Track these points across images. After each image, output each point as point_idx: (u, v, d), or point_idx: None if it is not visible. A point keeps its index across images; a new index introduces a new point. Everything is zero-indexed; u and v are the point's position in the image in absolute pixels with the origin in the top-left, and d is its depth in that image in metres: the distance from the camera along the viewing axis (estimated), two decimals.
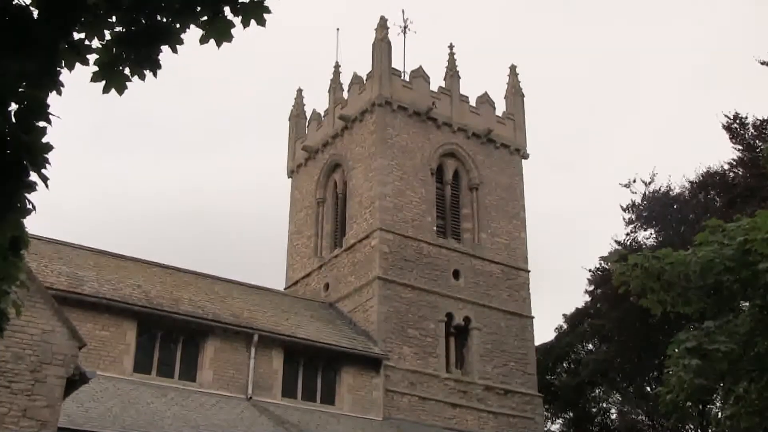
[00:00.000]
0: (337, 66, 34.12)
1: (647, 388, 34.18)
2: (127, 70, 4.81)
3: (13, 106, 4.52)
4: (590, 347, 36.99)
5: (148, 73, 4.86)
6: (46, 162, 4.59)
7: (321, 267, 30.61)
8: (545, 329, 60.99)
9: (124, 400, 20.01)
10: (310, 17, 75.51)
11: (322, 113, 33.46)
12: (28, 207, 4.68)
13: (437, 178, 30.46)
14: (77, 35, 4.70)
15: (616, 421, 36.81)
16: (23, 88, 4.54)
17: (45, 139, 4.58)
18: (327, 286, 29.97)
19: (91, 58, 4.78)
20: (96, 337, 21.29)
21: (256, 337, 23.80)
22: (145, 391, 21.12)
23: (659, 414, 31.11)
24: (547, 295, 42.32)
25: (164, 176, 70.79)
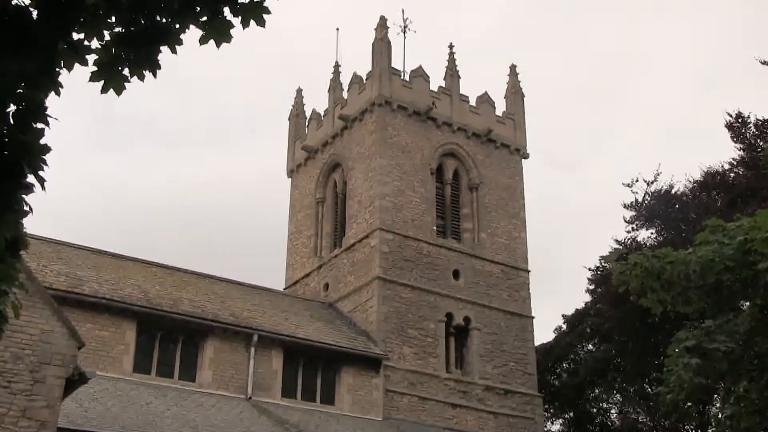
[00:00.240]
0: (337, 66, 34.11)
1: (648, 389, 34.12)
2: (126, 71, 4.81)
3: (11, 108, 4.51)
4: (590, 347, 36.93)
5: (148, 73, 4.85)
6: (43, 164, 4.58)
7: (321, 267, 30.60)
8: (545, 329, 61.11)
9: (124, 400, 19.99)
10: (310, 17, 75.55)
11: (322, 113, 33.44)
12: (25, 209, 4.67)
13: (437, 177, 30.43)
14: (76, 35, 4.69)
15: (616, 421, 36.78)
16: (22, 89, 4.53)
17: (43, 141, 4.57)
18: (327, 286, 29.95)
19: (90, 59, 4.77)
20: (95, 337, 21.28)
21: (255, 337, 23.80)
22: (144, 391, 21.11)
23: (660, 414, 31.09)
24: (547, 295, 42.35)
25: (164, 176, 70.85)
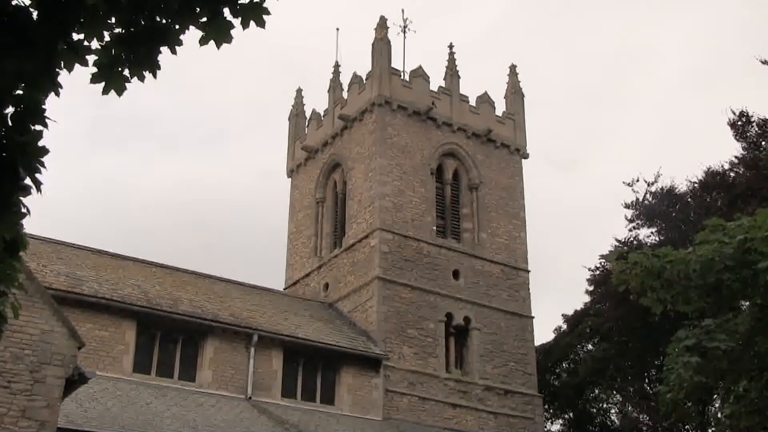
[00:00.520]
0: (337, 66, 34.10)
1: (648, 388, 34.11)
2: (126, 71, 4.80)
3: (9, 109, 4.50)
4: (590, 347, 36.91)
5: (148, 74, 4.84)
6: (41, 165, 4.57)
7: (320, 267, 30.59)
8: (545, 329, 61.04)
9: (124, 400, 19.99)
10: (310, 17, 75.53)
11: (322, 113, 33.43)
12: (23, 210, 4.66)
13: (437, 177, 30.42)
14: (76, 36, 4.68)
15: (617, 421, 36.76)
16: (21, 90, 4.52)
17: (41, 143, 4.56)
18: (326, 286, 29.94)
19: (90, 59, 4.76)
20: (95, 337, 21.28)
21: (255, 337, 23.79)
22: (144, 391, 21.10)
23: (660, 414, 31.07)
24: (547, 295, 42.36)
25: (163, 176, 70.83)
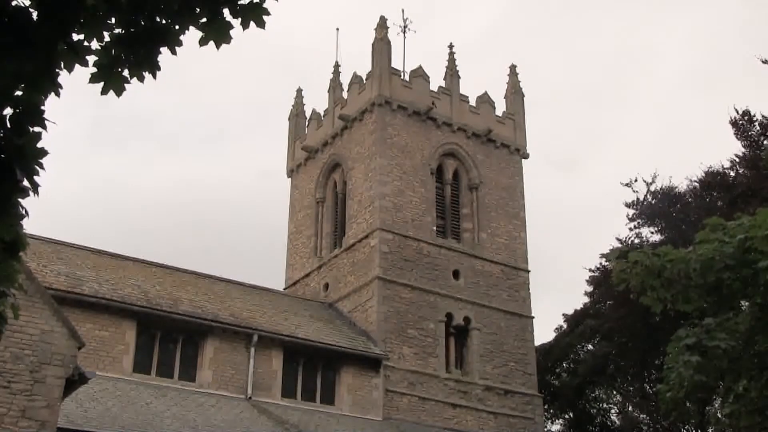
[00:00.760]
0: (337, 66, 34.10)
1: (648, 388, 34.12)
2: (126, 72, 4.80)
3: (8, 111, 4.49)
4: (590, 347, 36.90)
5: (147, 74, 4.84)
6: (39, 167, 4.56)
7: (320, 267, 30.59)
8: (545, 329, 61.04)
9: (124, 400, 19.98)
10: (310, 17, 75.53)
11: (322, 113, 33.43)
12: (21, 212, 4.65)
13: (437, 177, 30.41)
14: (76, 36, 4.68)
15: (617, 421, 36.76)
16: (21, 90, 4.52)
17: (40, 145, 4.56)
18: (326, 286, 29.94)
19: (90, 59, 4.76)
20: (95, 337, 21.28)
21: (255, 337, 23.79)
22: (144, 391, 21.10)
23: (660, 414, 31.06)
24: (547, 295, 42.33)
25: (163, 176, 70.84)
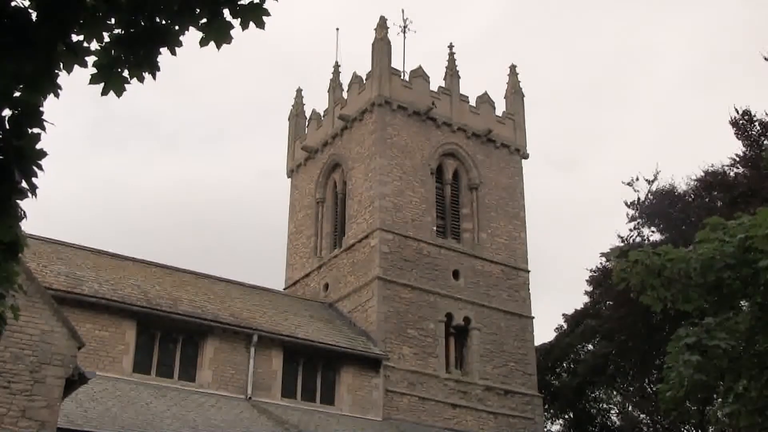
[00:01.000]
0: (337, 66, 34.10)
1: (648, 388, 34.11)
2: (126, 72, 4.79)
3: (7, 112, 4.48)
4: (590, 347, 36.91)
5: (147, 74, 4.83)
6: (38, 168, 4.55)
7: (320, 267, 30.58)
8: (545, 329, 61.07)
9: (123, 400, 19.98)
10: (310, 18, 75.49)
11: (322, 113, 33.43)
12: (20, 214, 4.65)
13: (437, 177, 30.41)
14: (76, 37, 4.67)
15: (617, 421, 36.75)
16: (21, 91, 4.51)
17: (39, 146, 4.55)
18: (326, 286, 29.93)
19: (90, 60, 4.75)
20: (95, 338, 21.27)
21: (255, 337, 23.78)
22: (144, 391, 21.10)
23: (660, 414, 31.04)
24: (547, 295, 42.30)
25: (163, 176, 70.83)
